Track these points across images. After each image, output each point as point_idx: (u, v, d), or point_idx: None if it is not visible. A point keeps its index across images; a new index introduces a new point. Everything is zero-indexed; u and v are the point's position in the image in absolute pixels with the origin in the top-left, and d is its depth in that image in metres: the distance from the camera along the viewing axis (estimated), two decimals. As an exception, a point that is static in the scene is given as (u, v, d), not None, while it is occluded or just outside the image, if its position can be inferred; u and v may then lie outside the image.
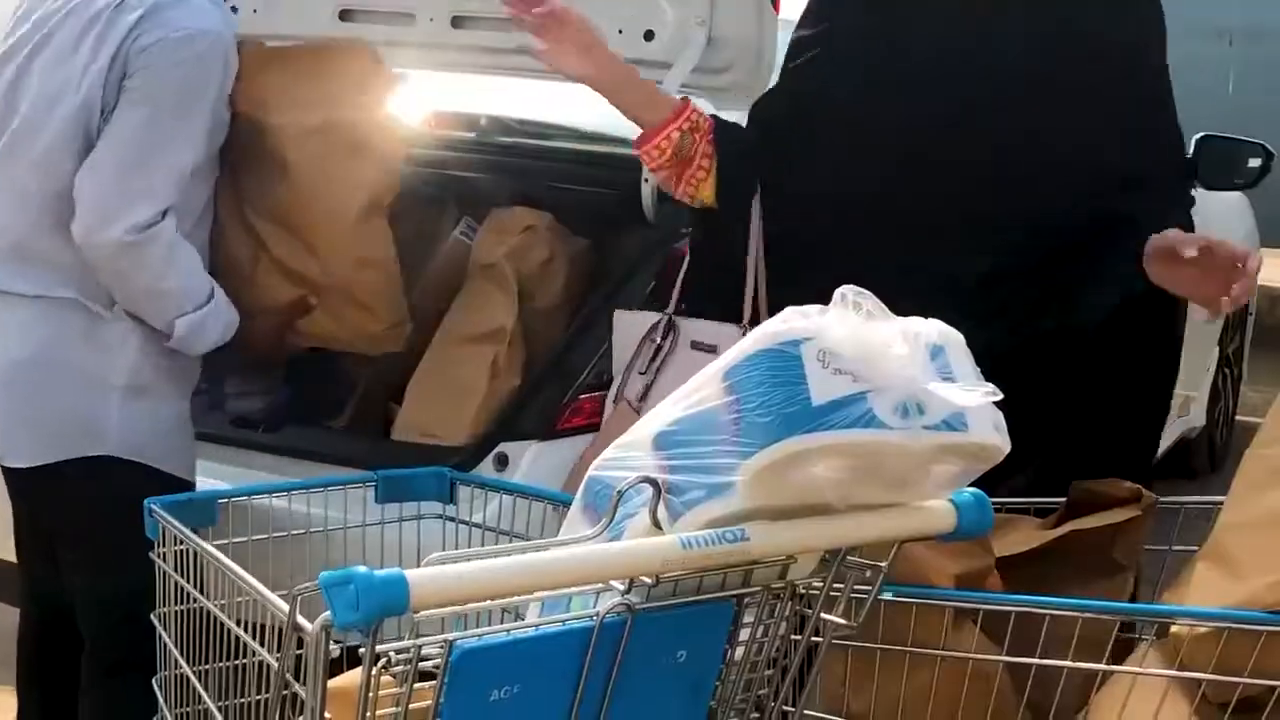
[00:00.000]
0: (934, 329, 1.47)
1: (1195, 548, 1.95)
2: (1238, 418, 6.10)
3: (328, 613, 1.33)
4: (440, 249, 3.43)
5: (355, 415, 3.33)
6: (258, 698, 1.77)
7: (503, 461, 2.79)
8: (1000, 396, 1.44)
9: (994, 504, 1.60)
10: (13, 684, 2.92)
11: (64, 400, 2.54)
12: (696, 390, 1.49)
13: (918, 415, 1.41)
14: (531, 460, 2.78)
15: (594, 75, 2.43)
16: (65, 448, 2.54)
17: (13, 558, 2.93)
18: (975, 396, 1.42)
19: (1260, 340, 6.52)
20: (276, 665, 1.54)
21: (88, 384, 2.54)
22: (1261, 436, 1.95)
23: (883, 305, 1.44)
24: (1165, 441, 5.00)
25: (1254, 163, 4.84)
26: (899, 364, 1.41)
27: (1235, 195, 5.55)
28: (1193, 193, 2.51)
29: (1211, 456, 5.65)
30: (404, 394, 3.21)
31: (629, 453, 1.55)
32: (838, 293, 1.44)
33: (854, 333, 1.41)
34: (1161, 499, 2.06)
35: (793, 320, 1.43)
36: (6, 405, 2.58)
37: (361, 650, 1.37)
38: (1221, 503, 2.03)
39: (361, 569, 1.29)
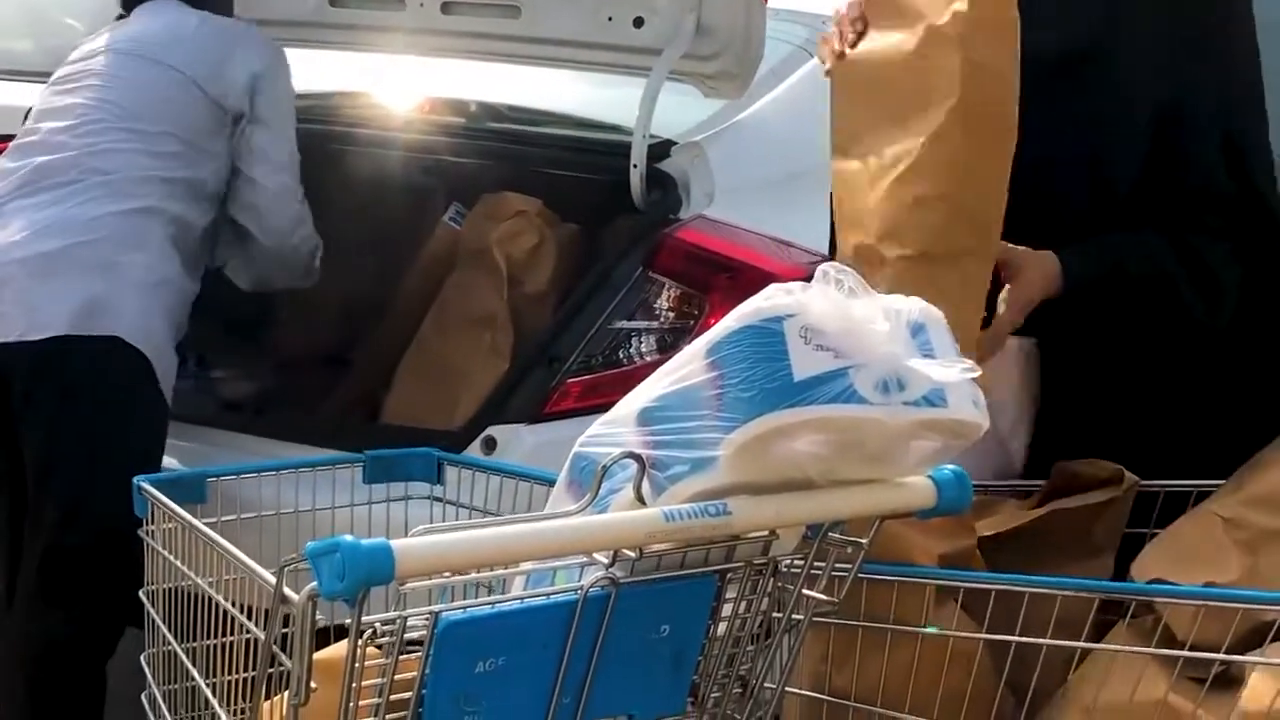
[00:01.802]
0: (915, 306, 1.49)
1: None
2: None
3: (314, 583, 1.34)
4: (429, 234, 3.44)
5: (344, 400, 3.35)
6: (245, 675, 1.78)
7: (491, 445, 2.80)
8: (978, 373, 1.46)
9: (976, 486, 1.62)
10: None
11: (86, 281, 2.80)
12: (680, 367, 1.50)
13: (898, 391, 1.42)
14: (519, 443, 2.79)
15: None
16: (96, 324, 2.78)
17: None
18: (954, 372, 1.43)
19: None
20: (263, 638, 1.55)
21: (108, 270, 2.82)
22: None
23: (864, 282, 1.45)
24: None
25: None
26: (880, 340, 1.42)
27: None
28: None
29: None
30: (393, 378, 3.22)
31: (614, 429, 1.56)
32: (820, 269, 1.45)
33: (836, 309, 1.42)
34: (1143, 482, 2.08)
35: (775, 297, 1.44)
36: (56, 285, 2.79)
37: (348, 621, 1.38)
38: (1201, 487, 2.06)
39: (348, 538, 1.30)
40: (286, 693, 1.48)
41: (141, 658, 2.01)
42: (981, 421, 1.48)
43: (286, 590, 1.45)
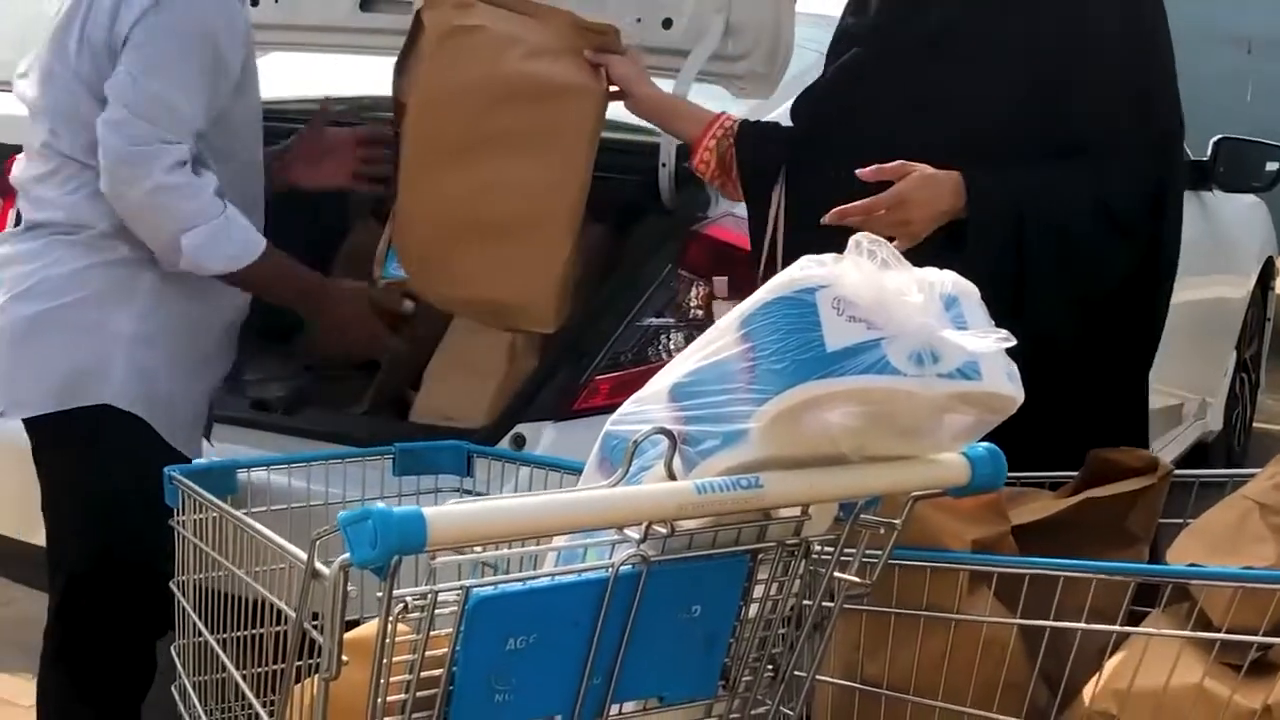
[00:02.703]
0: (948, 279, 1.48)
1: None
2: (1255, 425, 6.09)
3: (346, 555, 1.34)
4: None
5: (373, 400, 3.35)
6: (275, 667, 1.78)
7: (520, 442, 2.80)
8: (1013, 342, 1.45)
9: (1009, 477, 1.60)
10: (29, 672, 2.92)
11: (69, 348, 2.58)
12: (712, 341, 1.50)
13: (932, 363, 1.41)
14: (548, 440, 2.79)
15: (633, 105, 2.73)
16: (82, 394, 2.57)
17: (21, 537, 2.97)
18: (988, 343, 1.42)
19: (1278, 348, 6.51)
20: (295, 616, 1.54)
21: (93, 331, 2.59)
22: None
23: (898, 254, 1.45)
24: (1183, 444, 5.00)
25: (1271, 166, 4.85)
26: (914, 311, 1.41)
27: (1253, 200, 5.55)
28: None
29: (1229, 462, 5.64)
30: (421, 379, 3.22)
31: (645, 406, 1.55)
32: (853, 240, 1.44)
33: (869, 280, 1.41)
34: (1176, 471, 2.07)
35: (808, 268, 1.43)
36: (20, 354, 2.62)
37: (379, 595, 1.37)
38: (1235, 476, 2.04)
39: (379, 505, 1.30)
40: (318, 675, 1.48)
41: (171, 649, 2.01)
42: (1016, 395, 1.47)
43: (318, 565, 1.44)
